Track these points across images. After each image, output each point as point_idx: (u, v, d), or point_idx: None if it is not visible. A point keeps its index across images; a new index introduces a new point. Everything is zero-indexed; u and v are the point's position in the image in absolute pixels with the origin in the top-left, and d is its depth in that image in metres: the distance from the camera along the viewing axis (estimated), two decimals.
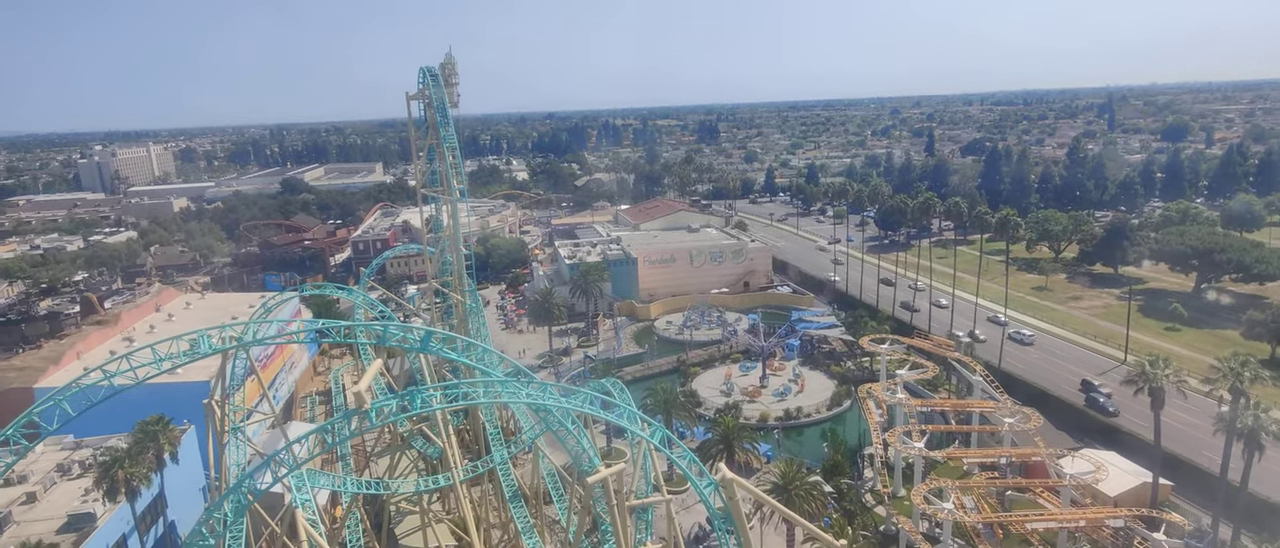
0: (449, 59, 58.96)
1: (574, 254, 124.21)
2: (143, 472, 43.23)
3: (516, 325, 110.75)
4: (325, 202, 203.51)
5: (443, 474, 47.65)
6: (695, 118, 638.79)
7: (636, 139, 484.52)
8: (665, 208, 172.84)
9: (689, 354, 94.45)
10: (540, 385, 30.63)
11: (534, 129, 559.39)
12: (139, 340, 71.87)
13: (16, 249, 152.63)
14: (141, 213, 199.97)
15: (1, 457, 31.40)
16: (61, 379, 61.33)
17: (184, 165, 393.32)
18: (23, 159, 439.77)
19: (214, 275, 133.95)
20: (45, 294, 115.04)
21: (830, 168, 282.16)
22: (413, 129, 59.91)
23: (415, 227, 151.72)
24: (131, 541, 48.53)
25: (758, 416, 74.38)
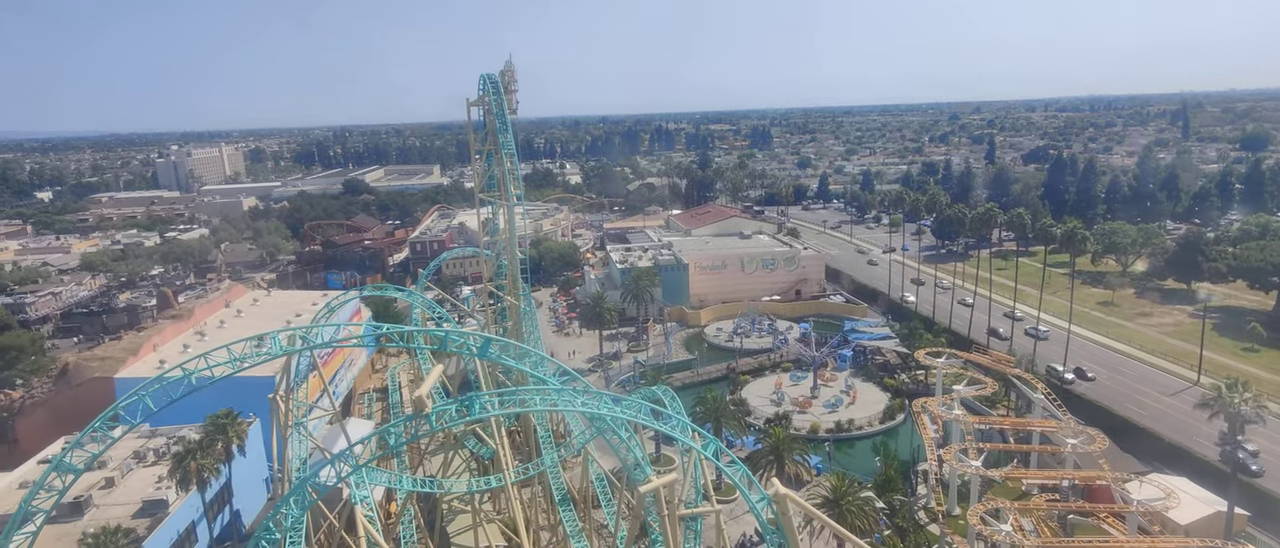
0: (509, 66, 59.98)
1: (625, 259, 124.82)
2: (212, 463, 45.11)
3: (567, 328, 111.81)
4: (385, 202, 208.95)
5: (494, 475, 48.46)
6: (748, 123, 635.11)
7: (689, 143, 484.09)
8: (717, 214, 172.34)
9: (739, 362, 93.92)
10: (594, 394, 30.96)
11: (587, 133, 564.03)
12: (210, 335, 75.18)
13: (99, 244, 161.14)
14: (213, 211, 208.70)
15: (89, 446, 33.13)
16: (140, 371, 64.48)
17: (253, 165, 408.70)
18: (106, 158, 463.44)
19: (279, 273, 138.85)
20: (124, 288, 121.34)
21: (886, 174, 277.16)
22: (471, 134, 61.12)
23: (471, 229, 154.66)
24: (200, 528, 50.77)
25: (808, 427, 73.55)
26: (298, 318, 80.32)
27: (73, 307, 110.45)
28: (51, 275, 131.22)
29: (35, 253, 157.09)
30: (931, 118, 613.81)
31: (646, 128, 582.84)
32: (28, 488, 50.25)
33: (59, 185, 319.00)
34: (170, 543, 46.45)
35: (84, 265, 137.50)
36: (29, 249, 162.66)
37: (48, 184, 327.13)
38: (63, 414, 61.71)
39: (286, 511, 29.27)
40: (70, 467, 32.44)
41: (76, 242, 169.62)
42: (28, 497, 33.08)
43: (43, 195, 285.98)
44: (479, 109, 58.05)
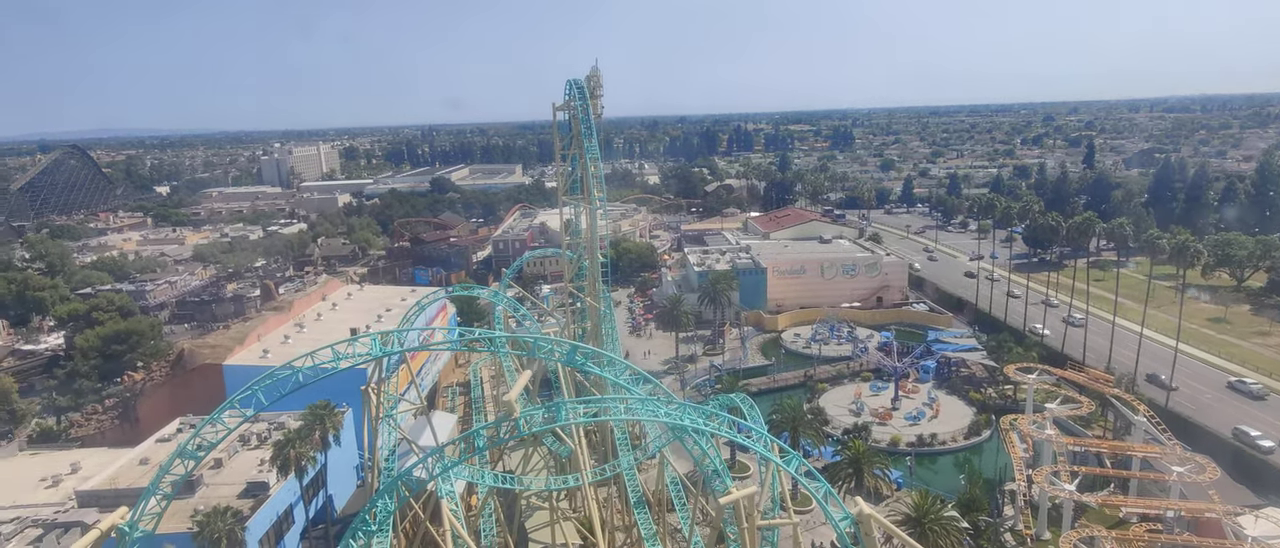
0: (594, 72, 60.91)
1: (703, 261, 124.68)
2: (309, 452, 47.68)
3: (644, 330, 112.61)
4: (469, 200, 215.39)
5: (572, 475, 49.48)
6: (829, 123, 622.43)
7: (768, 145, 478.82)
8: (796, 217, 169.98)
9: (816, 370, 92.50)
10: (678, 405, 31.24)
11: (665, 133, 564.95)
12: (308, 326, 79.35)
13: (209, 236, 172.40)
14: (311, 207, 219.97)
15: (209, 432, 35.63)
16: (245, 359, 68.77)
17: (347, 163, 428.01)
18: (217, 155, 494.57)
19: (370, 267, 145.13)
20: (231, 278, 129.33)
21: (974, 178, 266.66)
22: (557, 138, 62.51)
23: (552, 228, 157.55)
24: (296, 510, 53.64)
25: (888, 439, 71.83)
26: (388, 313, 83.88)
27: (186, 295, 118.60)
28: (168, 265, 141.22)
29: (154, 244, 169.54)
30: (1023, 118, 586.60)
31: (725, 128, 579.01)
32: (148, 464, 54.71)
33: (176, 181, 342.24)
34: (270, 524, 49.22)
35: (196, 256, 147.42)
36: (149, 240, 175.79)
37: (166, 179, 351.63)
38: (178, 397, 66.46)
39: (382, 505, 30.77)
40: (191, 453, 35.02)
41: (190, 234, 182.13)
42: (155, 479, 35.94)
43: (162, 189, 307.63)
44: (564, 112, 59.40)
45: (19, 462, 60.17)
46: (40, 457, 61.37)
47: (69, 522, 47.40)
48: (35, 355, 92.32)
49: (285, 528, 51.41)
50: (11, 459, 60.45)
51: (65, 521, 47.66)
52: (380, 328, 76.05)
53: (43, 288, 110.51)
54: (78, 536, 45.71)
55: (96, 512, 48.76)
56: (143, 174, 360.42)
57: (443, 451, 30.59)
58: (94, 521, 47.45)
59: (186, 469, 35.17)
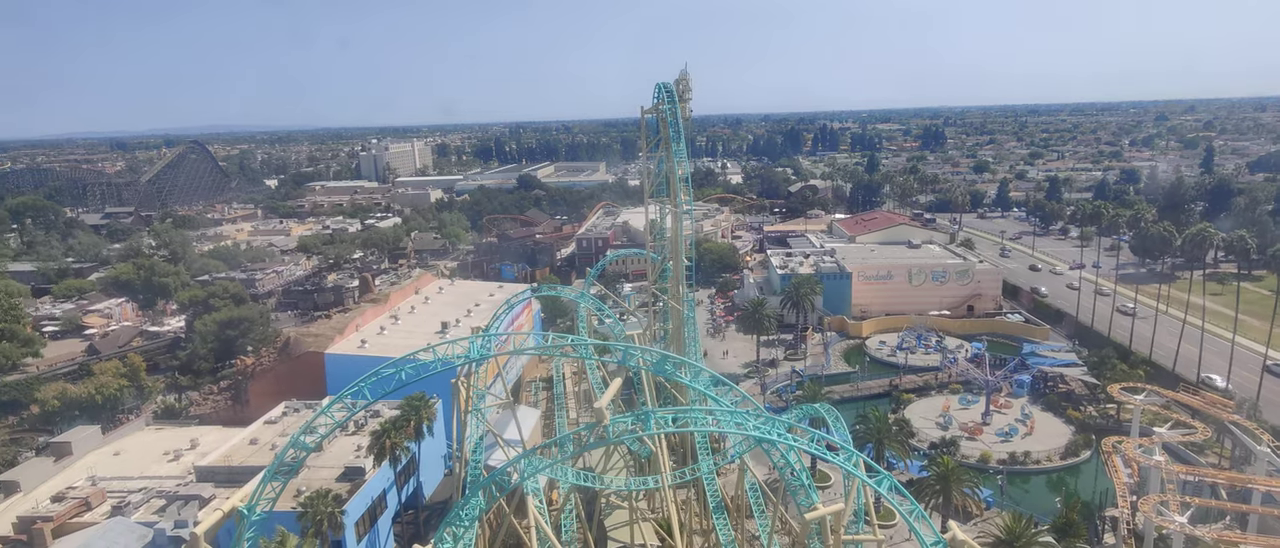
0: (684, 75, 61.18)
1: (786, 264, 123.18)
2: (403, 441, 49.96)
3: (723, 331, 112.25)
4: (554, 198, 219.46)
5: (651, 476, 49.99)
6: (919, 122, 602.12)
7: (854, 144, 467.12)
8: (884, 220, 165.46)
9: (902, 379, 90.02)
10: (765, 419, 31.19)
11: (749, 132, 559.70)
12: (402, 319, 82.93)
13: (312, 228, 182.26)
14: (405, 202, 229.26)
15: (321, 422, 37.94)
16: (344, 348, 72.53)
17: (439, 159, 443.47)
18: (320, 150, 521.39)
19: (459, 261, 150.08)
20: (331, 269, 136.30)
21: (1076, 182, 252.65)
22: (644, 140, 63.18)
23: (634, 227, 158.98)
24: (389, 495, 56.30)
25: (978, 455, 69.24)
26: (476, 308, 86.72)
27: (290, 284, 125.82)
28: (275, 255, 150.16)
29: (263, 235, 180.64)
30: (1133, 118, 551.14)
31: (810, 127, 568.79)
32: (257, 445, 58.57)
33: (283, 175, 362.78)
34: (365, 508, 51.82)
35: (300, 247, 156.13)
36: (258, 231, 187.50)
37: (275, 173, 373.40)
38: (283, 381, 70.75)
39: (475, 503, 32.05)
40: (304, 445, 37.43)
41: (294, 225, 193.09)
42: (271, 467, 38.65)
43: (271, 183, 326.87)
44: (652, 115, 59.95)
45: (145, 436, 65.35)
46: (164, 432, 66.60)
47: (189, 495, 51.27)
48: (160, 337, 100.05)
49: (378, 512, 54.03)
50: (139, 434, 65.64)
51: (185, 494, 51.57)
52: (469, 322, 78.75)
53: (167, 274, 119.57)
54: (196, 508, 49.48)
55: (212, 487, 52.66)
56: (254, 168, 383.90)
57: (534, 453, 31.59)
58: (210, 495, 51.34)
59: (299, 458, 37.55)
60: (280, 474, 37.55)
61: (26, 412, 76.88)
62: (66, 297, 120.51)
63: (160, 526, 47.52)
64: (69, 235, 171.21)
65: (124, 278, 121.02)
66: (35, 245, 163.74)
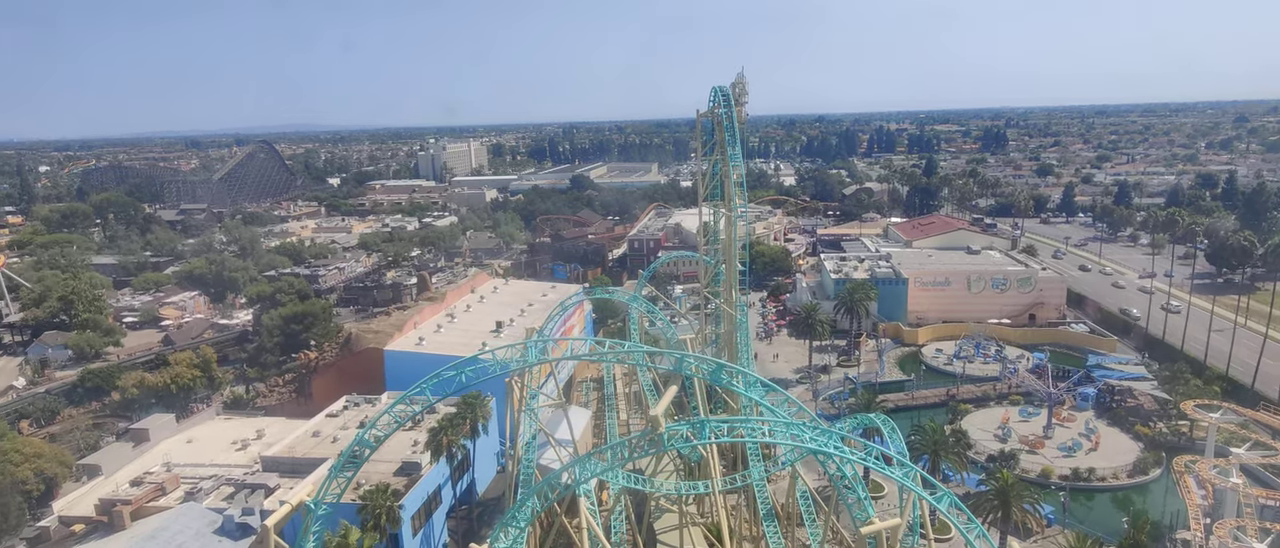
0: (740, 78, 61.03)
1: (840, 268, 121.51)
2: (459, 439, 51.07)
3: (774, 336, 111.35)
4: (606, 198, 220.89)
5: (702, 481, 50.02)
6: (979, 123, 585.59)
7: (911, 146, 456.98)
8: (942, 225, 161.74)
9: (959, 389, 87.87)
10: (823, 431, 30.92)
11: (802, 132, 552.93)
12: (458, 317, 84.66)
13: (372, 226, 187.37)
14: (461, 201, 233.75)
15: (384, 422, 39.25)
16: (402, 345, 74.43)
17: (494, 159, 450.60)
18: (380, 149, 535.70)
19: (513, 261, 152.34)
20: (389, 266, 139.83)
21: (1147, 186, 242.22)
22: (699, 141, 63.27)
23: (686, 229, 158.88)
24: (444, 491, 57.65)
25: (1038, 470, 67.13)
26: (530, 307, 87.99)
27: (351, 280, 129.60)
28: (337, 252, 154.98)
29: (326, 231, 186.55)
30: (1210, 119, 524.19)
31: (865, 128, 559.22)
32: (319, 437, 60.57)
33: (345, 173, 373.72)
34: (421, 502, 53.21)
35: (360, 244, 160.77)
36: (321, 228, 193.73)
37: (337, 172, 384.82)
38: (345, 376, 73.11)
39: (531, 505, 32.61)
40: (368, 442, 38.77)
41: (355, 223, 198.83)
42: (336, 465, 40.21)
43: (333, 181, 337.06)
44: (707, 119, 59.93)
45: (215, 425, 68.33)
46: (232, 422, 69.53)
47: (255, 484, 53.44)
48: (229, 330, 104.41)
49: (434, 507, 55.39)
50: (210, 423, 68.69)
51: (252, 482, 53.77)
52: (523, 322, 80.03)
53: (236, 269, 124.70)
54: (262, 497, 51.53)
55: (277, 477, 54.72)
56: (318, 167, 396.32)
57: (590, 459, 32.02)
58: (275, 484, 53.37)
59: (363, 456, 38.87)
60: (345, 471, 38.87)
61: (108, 398, 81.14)
62: (145, 289, 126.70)
63: (229, 512, 49.69)
64: (147, 230, 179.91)
65: (197, 272, 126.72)
66: (117, 240, 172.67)
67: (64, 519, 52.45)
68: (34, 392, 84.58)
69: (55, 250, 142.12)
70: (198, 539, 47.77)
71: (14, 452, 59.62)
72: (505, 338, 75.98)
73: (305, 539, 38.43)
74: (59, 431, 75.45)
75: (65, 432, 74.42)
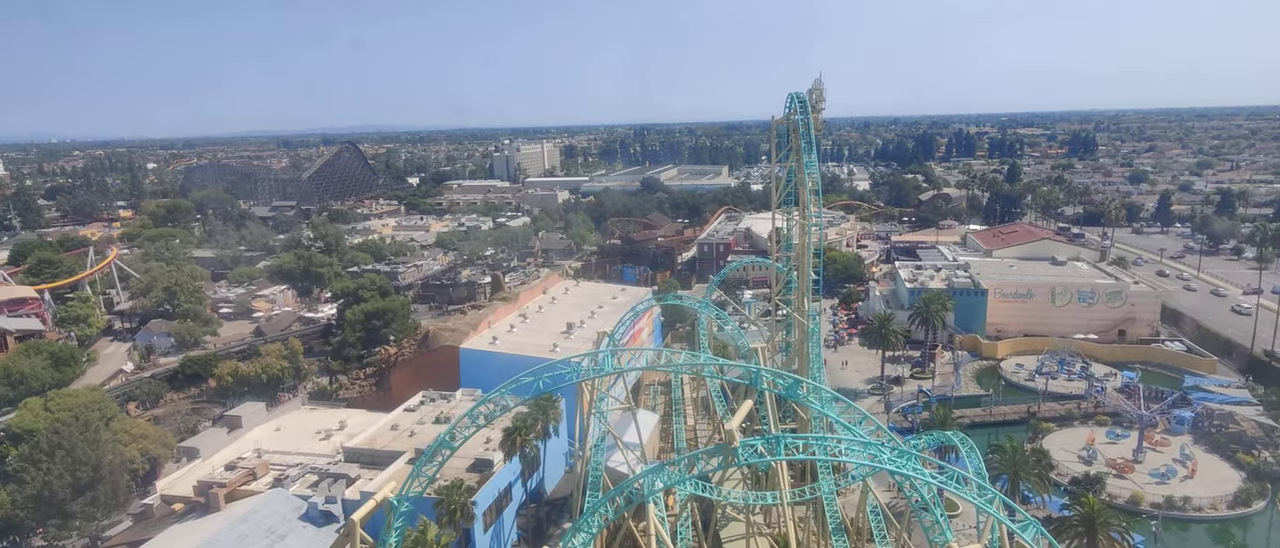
0: (817, 85, 60.17)
1: (914, 277, 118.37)
2: (532, 440, 52.23)
3: (845, 344, 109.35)
4: (676, 201, 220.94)
5: (770, 492, 49.58)
6: (1066, 127, 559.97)
7: (992, 150, 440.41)
8: (1025, 233, 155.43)
9: (1041, 407, 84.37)
10: (901, 452, 30.29)
11: (877, 136, 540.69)
12: (531, 317, 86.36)
13: (448, 225, 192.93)
14: (534, 202, 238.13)
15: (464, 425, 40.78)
16: (477, 344, 76.43)
17: (566, 160, 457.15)
18: (457, 150, 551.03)
19: (584, 262, 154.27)
20: (464, 265, 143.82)
21: (1253, 195, 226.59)
22: (774, 148, 62.77)
23: (756, 233, 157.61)
24: (514, 488, 59.03)
25: (1128, 496, 63.85)
26: (600, 310, 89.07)
27: (428, 278, 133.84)
28: (415, 250, 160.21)
29: (405, 230, 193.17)
30: None
31: (943, 131, 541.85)
32: (397, 430, 62.85)
33: (423, 173, 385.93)
34: (492, 499, 54.65)
35: (437, 243, 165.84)
36: (401, 226, 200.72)
37: (416, 171, 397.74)
38: (422, 372, 75.58)
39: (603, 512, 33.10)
40: (448, 444, 40.27)
41: (433, 222, 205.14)
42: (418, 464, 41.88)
43: (412, 181, 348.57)
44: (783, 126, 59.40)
45: (301, 415, 71.76)
46: (317, 412, 72.88)
47: (337, 474, 55.98)
48: (315, 323, 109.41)
49: (504, 504, 56.78)
50: (296, 412, 72.16)
51: (334, 472, 56.34)
52: (593, 325, 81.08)
53: (322, 265, 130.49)
54: (343, 487, 53.92)
55: (357, 468, 57.11)
56: (398, 167, 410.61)
57: (662, 468, 32.30)
58: (356, 475, 55.73)
59: (444, 456, 40.42)
60: (426, 470, 40.46)
61: (205, 385, 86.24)
62: (239, 282, 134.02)
63: (313, 500, 52.23)
64: (242, 226, 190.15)
65: (286, 267, 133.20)
66: (215, 234, 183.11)
67: (166, 498, 56.18)
68: (140, 376, 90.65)
69: (160, 243, 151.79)
70: (285, 524, 50.43)
71: (123, 432, 64.13)
72: (576, 339, 77.17)
73: (388, 535, 40.09)
74: (162, 413, 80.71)
75: (167, 415, 79.56)
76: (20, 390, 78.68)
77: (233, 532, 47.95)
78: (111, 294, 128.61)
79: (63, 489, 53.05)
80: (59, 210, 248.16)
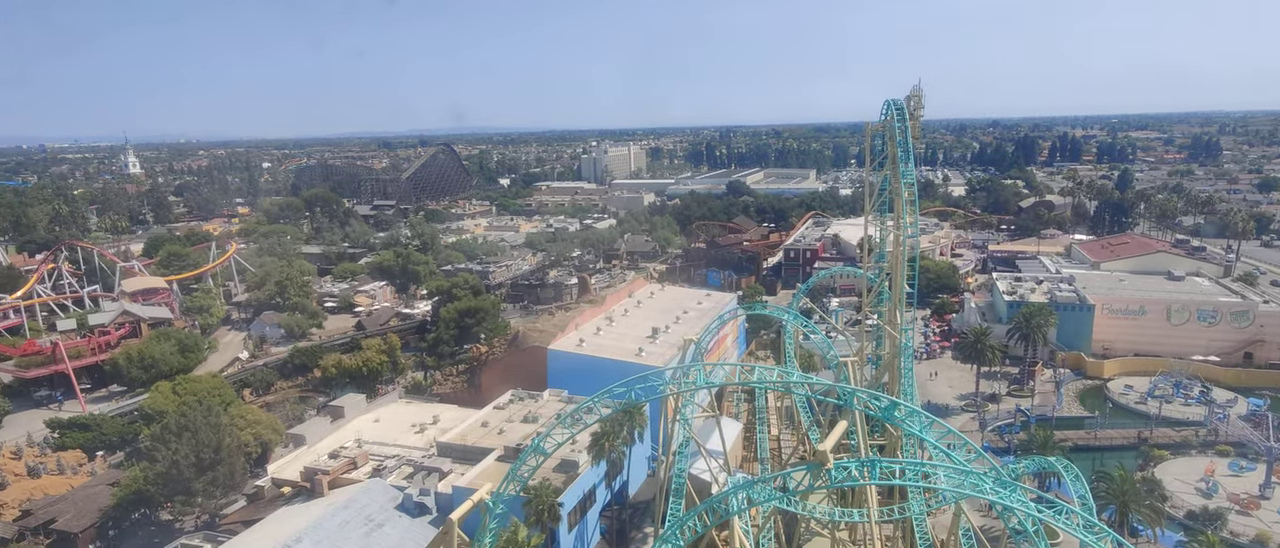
0: (916, 91, 58.45)
1: (1014, 289, 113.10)
2: (619, 444, 53.01)
3: (937, 357, 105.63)
4: (762, 205, 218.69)
5: (857, 509, 48.54)
6: (1186, 129, 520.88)
7: (1101, 155, 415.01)
8: (1137, 245, 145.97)
9: (1153, 433, 79.11)
10: (1005, 483, 29.09)
11: (974, 139, 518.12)
12: (616, 321, 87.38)
13: (537, 226, 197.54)
14: (620, 204, 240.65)
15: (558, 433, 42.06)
16: (564, 346, 77.91)
17: (652, 162, 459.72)
18: (546, 151, 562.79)
19: (668, 265, 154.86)
20: (552, 265, 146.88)
21: None
22: (868, 157, 61.38)
23: (845, 240, 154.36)
24: (598, 490, 59.98)
25: (1253, 535, 59.09)
26: (685, 315, 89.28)
27: (517, 278, 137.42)
28: (505, 250, 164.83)
29: (496, 230, 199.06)
30: None
31: (1046, 134, 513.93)
32: (487, 427, 64.82)
33: (514, 174, 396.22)
34: (577, 500, 55.69)
35: (526, 244, 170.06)
36: (492, 226, 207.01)
37: (507, 172, 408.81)
38: (511, 371, 77.72)
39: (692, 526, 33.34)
40: (542, 450, 41.67)
41: (522, 222, 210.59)
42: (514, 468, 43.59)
43: (504, 181, 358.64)
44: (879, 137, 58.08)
45: (398, 407, 75.09)
46: (412, 406, 76.10)
47: (431, 467, 58.29)
48: (411, 319, 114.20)
49: (588, 505, 57.74)
50: (393, 405, 75.56)
51: (428, 465, 58.69)
52: (678, 330, 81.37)
53: (418, 263, 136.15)
54: (436, 480, 56.15)
55: (449, 462, 59.23)
56: (491, 168, 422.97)
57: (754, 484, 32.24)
58: (448, 469, 57.88)
59: (538, 462, 41.80)
60: (521, 474, 41.89)
61: (311, 375, 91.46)
62: (342, 278, 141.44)
63: (408, 491, 54.62)
64: (346, 224, 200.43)
65: (385, 264, 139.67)
66: (321, 231, 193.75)
67: (276, 481, 59.93)
68: (254, 365, 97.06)
69: (273, 239, 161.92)
70: (382, 513, 52.98)
71: (240, 417, 68.85)
72: (661, 344, 77.65)
73: (484, 535, 41.60)
74: (273, 400, 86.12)
75: (277, 402, 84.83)
76: (152, 374, 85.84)
77: (335, 518, 50.70)
78: (230, 286, 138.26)
79: (188, 468, 57.41)
80: (185, 206, 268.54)
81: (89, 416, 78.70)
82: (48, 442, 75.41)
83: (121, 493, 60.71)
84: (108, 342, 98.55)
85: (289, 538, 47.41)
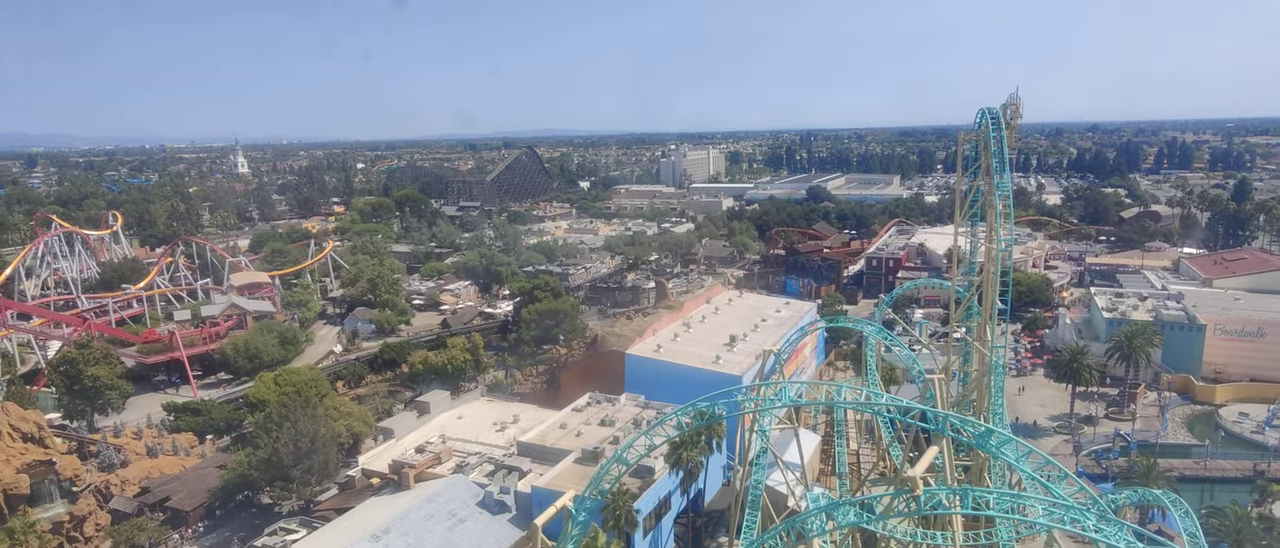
0: (1013, 99, 56.15)
1: (1114, 306, 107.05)
2: (696, 454, 53.15)
3: (1028, 374, 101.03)
4: (843, 211, 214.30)
5: (941, 532, 46.94)
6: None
7: (1214, 162, 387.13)
8: (1255, 262, 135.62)
9: (1271, 466, 73.40)
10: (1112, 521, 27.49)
11: (1072, 144, 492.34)
12: (694, 327, 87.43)
13: (616, 229, 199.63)
14: (698, 208, 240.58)
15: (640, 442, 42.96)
16: (641, 350, 78.51)
17: (731, 166, 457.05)
18: (625, 154, 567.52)
19: (746, 271, 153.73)
20: (630, 268, 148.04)
21: None
22: (960, 168, 59.39)
23: (929, 249, 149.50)
24: (674, 497, 60.18)
25: None
26: (763, 323, 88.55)
27: (596, 281, 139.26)
28: (584, 252, 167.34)
29: (575, 232, 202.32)
30: None
31: (1152, 140, 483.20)
32: (565, 429, 65.98)
33: (593, 177, 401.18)
34: (652, 506, 56.01)
35: (605, 246, 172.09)
36: (572, 229, 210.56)
37: (587, 175, 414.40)
38: (589, 374, 78.90)
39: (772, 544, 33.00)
40: (624, 460, 42.51)
41: (601, 225, 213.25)
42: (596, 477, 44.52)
43: (583, 184, 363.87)
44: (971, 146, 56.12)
45: (480, 405, 77.31)
46: (494, 404, 78.21)
47: (510, 465, 59.79)
48: (493, 318, 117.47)
49: (663, 511, 58.02)
50: (475, 403, 77.84)
51: (508, 463, 60.23)
52: (756, 338, 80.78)
53: (501, 264, 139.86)
54: (516, 478, 57.55)
55: (529, 462, 60.58)
56: (571, 170, 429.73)
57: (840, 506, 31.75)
58: (527, 468, 59.24)
59: (621, 472, 42.60)
60: (603, 483, 42.80)
61: (399, 370, 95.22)
62: (429, 277, 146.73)
63: (489, 488, 56.23)
64: (433, 224, 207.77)
65: (470, 264, 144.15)
66: (410, 231, 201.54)
67: (366, 472, 62.82)
68: (347, 358, 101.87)
69: (365, 238, 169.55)
70: (464, 508, 54.75)
71: (334, 409, 72.39)
72: (738, 353, 77.25)
73: (566, 541, 42.56)
74: (363, 393, 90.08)
75: (368, 395, 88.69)
76: (255, 364, 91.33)
77: (420, 510, 52.74)
78: (326, 282, 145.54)
79: (287, 456, 60.86)
80: (287, 204, 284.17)
81: (200, 401, 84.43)
82: (164, 424, 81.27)
83: (228, 476, 64.87)
84: (217, 332, 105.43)
85: (378, 528, 49.60)
